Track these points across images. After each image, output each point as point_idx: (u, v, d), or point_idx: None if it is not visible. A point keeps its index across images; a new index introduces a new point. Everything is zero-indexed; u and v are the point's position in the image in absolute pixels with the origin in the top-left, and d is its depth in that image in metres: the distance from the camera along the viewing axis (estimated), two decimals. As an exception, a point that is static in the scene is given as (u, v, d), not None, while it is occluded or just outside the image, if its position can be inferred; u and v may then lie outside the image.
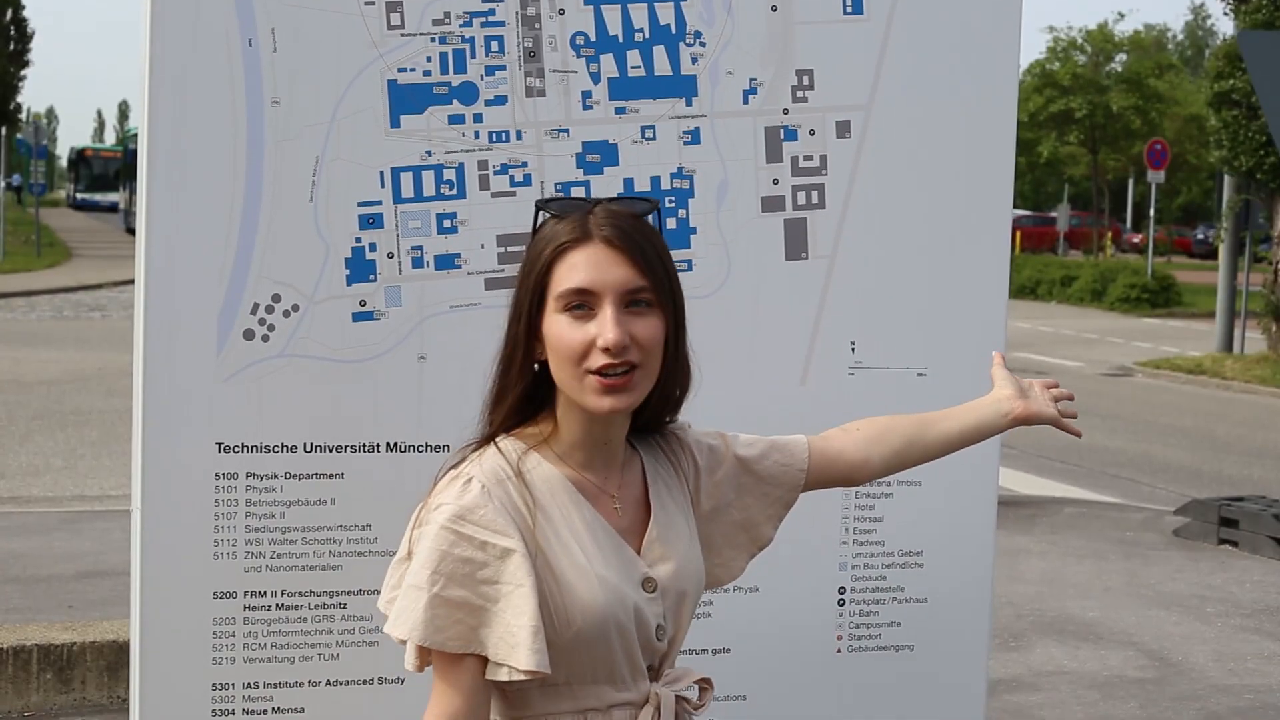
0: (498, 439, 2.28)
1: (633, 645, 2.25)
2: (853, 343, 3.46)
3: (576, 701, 2.24)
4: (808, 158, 3.40)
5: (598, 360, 2.18)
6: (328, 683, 3.17)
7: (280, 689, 3.16)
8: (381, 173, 3.15)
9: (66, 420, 12.88)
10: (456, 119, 3.18)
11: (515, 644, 2.13)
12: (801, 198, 3.40)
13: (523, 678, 2.14)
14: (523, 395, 2.27)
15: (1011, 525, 9.81)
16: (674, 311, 2.27)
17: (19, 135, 46.03)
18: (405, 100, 3.16)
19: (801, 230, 3.41)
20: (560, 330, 2.20)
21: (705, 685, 2.41)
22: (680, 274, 3.27)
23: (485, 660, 2.17)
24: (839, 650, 3.53)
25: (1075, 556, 9.25)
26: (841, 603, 3.52)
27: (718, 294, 3.35)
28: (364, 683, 3.21)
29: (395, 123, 3.15)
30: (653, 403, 2.31)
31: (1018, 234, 47.98)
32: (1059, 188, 64.19)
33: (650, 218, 2.32)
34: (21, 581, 7.69)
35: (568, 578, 2.20)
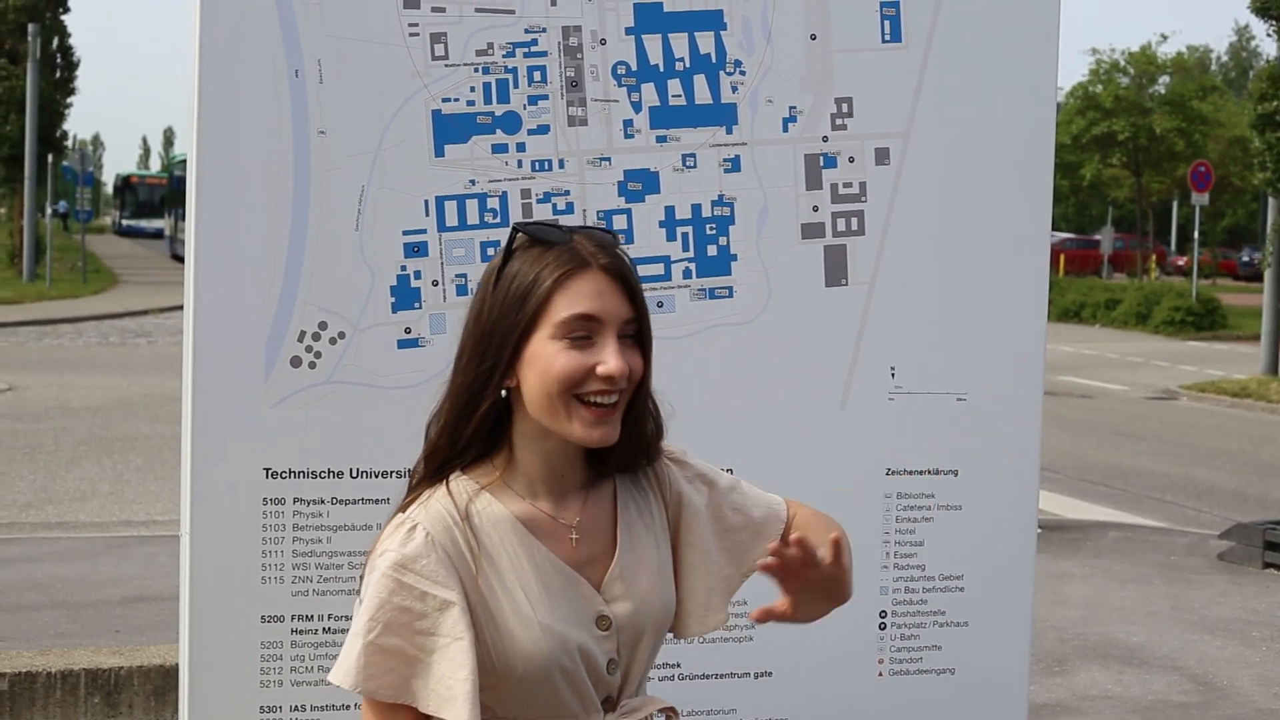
0: (449, 479, 2.24)
1: (580, 683, 2.22)
2: (893, 368, 3.47)
3: None
4: (847, 184, 3.42)
5: (593, 386, 2.15)
6: (373, 705, 3.20)
7: (327, 712, 3.19)
8: (426, 201, 3.19)
9: (113, 446, 12.97)
10: (500, 148, 3.22)
11: (451, 696, 2.13)
12: (841, 224, 3.42)
13: None
14: (484, 424, 2.22)
15: (1056, 549, 9.78)
16: (646, 348, 2.24)
17: (65, 162, 46.34)
18: (449, 130, 3.19)
19: (841, 256, 3.43)
20: (554, 356, 2.15)
21: (671, 714, 2.37)
22: (721, 301, 3.34)
23: (415, 710, 2.17)
24: (880, 674, 3.53)
25: (1119, 581, 9.22)
26: (883, 626, 3.53)
27: (758, 320, 3.38)
28: (409, 705, 3.23)
29: (439, 152, 3.19)
30: (623, 444, 2.25)
31: (1061, 257, 47.78)
32: (1103, 210, 63.85)
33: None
34: (69, 606, 7.76)
35: (510, 626, 2.18)
